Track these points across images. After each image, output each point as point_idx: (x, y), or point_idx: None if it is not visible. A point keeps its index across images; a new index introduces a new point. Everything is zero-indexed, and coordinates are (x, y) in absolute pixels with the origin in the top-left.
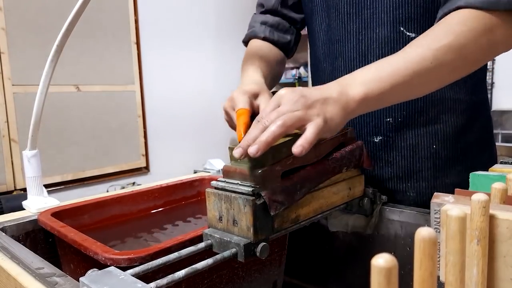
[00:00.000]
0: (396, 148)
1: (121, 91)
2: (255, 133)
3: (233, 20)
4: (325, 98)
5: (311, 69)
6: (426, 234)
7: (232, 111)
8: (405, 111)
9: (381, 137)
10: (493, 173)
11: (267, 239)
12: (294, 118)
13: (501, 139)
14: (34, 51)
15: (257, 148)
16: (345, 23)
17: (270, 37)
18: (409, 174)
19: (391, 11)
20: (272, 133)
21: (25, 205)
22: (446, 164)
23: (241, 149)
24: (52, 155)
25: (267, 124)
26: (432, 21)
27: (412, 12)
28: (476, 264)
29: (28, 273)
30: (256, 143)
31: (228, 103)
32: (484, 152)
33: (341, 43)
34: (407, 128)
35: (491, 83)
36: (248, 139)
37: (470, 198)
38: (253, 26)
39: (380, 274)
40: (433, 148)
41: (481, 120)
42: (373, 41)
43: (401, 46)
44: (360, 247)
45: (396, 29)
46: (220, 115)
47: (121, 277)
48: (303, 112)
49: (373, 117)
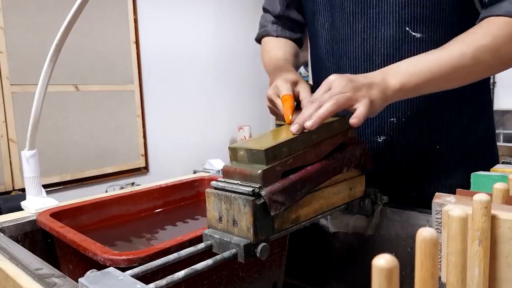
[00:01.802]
0: (400, 148)
1: (120, 91)
2: (310, 111)
3: (233, 18)
4: (370, 83)
5: (312, 68)
6: (427, 234)
7: (276, 98)
8: (409, 111)
9: (384, 137)
10: (495, 173)
11: (267, 240)
12: (345, 98)
13: (502, 139)
14: (33, 51)
15: (312, 122)
16: (350, 22)
17: (282, 35)
18: (412, 174)
19: (397, 11)
20: (327, 110)
21: (24, 206)
22: (450, 165)
23: (298, 125)
24: (51, 155)
25: (321, 103)
26: (437, 22)
27: (418, 13)
28: (477, 264)
29: (27, 274)
30: (312, 117)
31: (273, 90)
32: (487, 153)
33: (345, 43)
34: (410, 128)
35: (493, 83)
36: (304, 116)
37: (472, 199)
38: (265, 26)
39: (381, 275)
40: (437, 148)
41: (484, 120)
42: (378, 41)
43: (406, 46)
44: (361, 248)
45: (401, 29)
46: (220, 115)
47: (120, 278)
48: (352, 93)
49: (377, 117)
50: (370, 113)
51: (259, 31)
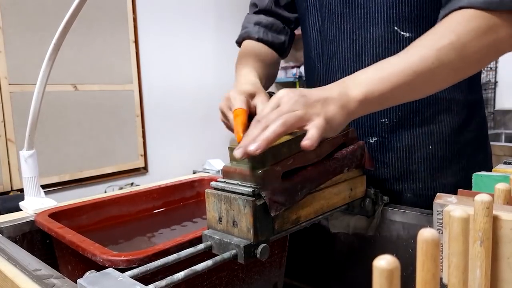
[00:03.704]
0: (392, 149)
1: (119, 90)
2: (256, 132)
3: (233, 17)
4: (326, 98)
5: (305, 70)
6: (428, 235)
7: (228, 111)
8: (400, 111)
9: (376, 138)
10: (497, 173)
11: (268, 241)
12: (295, 118)
13: (504, 139)
14: (31, 50)
15: (257, 146)
16: (338, 23)
17: (264, 38)
18: (406, 175)
19: (385, 11)
20: (273, 132)
21: (22, 206)
22: (443, 165)
23: (242, 149)
24: (49, 155)
25: (267, 123)
26: (426, 21)
27: (406, 12)
28: (479, 265)
29: (25, 275)
30: (256, 141)
31: (224, 102)
32: (480, 152)
33: (335, 43)
34: (402, 129)
35: (494, 82)
36: (249, 138)
37: (473, 199)
38: (246, 27)
39: (382, 276)
40: (429, 148)
41: (476, 119)
42: (367, 41)
43: (395, 46)
44: (362, 249)
45: (390, 28)
46: (219, 115)
47: (119, 279)
48: (303, 111)
49: (368, 118)
50: (328, 132)
51: (240, 32)
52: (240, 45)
